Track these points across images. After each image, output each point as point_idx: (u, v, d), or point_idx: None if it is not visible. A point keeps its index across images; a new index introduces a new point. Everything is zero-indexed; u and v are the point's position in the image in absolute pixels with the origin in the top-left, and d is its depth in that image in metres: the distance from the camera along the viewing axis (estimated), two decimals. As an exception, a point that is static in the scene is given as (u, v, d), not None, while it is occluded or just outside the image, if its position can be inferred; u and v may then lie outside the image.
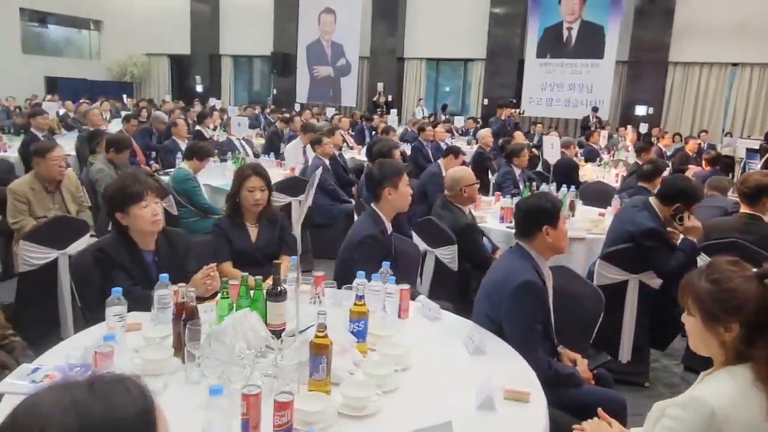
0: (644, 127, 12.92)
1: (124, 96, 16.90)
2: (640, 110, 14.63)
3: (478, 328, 2.31)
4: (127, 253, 2.46)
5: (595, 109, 13.96)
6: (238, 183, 3.04)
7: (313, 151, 6.22)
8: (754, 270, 1.44)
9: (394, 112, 14.34)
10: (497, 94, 15.35)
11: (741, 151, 12.53)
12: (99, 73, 20.41)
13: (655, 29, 14.28)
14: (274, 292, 2.10)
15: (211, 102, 15.70)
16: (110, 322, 2.05)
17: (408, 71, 17.55)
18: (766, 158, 11.04)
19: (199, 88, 19.78)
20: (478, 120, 13.92)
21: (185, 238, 2.75)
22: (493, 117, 12.80)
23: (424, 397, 1.83)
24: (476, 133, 10.64)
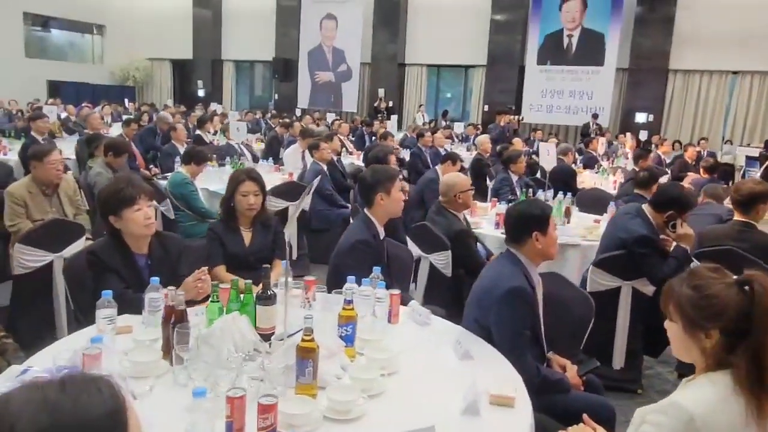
0: (644, 135, 12.93)
1: (126, 100, 16.97)
2: (641, 117, 14.64)
3: (467, 334, 2.32)
4: (120, 257, 2.48)
5: (596, 116, 13.98)
6: (232, 188, 3.07)
7: (311, 156, 6.24)
8: (735, 277, 1.45)
9: (394, 118, 14.38)
10: (498, 101, 15.38)
11: (741, 159, 12.55)
12: (101, 77, 20.49)
13: (656, 37, 14.31)
14: (264, 296, 2.12)
15: (212, 107, 15.76)
16: (100, 325, 2.07)
17: (409, 77, 17.60)
18: (765, 166, 11.07)
19: (201, 92, 19.85)
20: (478, 126, 13.94)
21: (178, 242, 2.76)
22: (492, 123, 12.82)
23: (410, 401, 1.84)
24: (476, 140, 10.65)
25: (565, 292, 2.77)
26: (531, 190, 5.50)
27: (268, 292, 2.12)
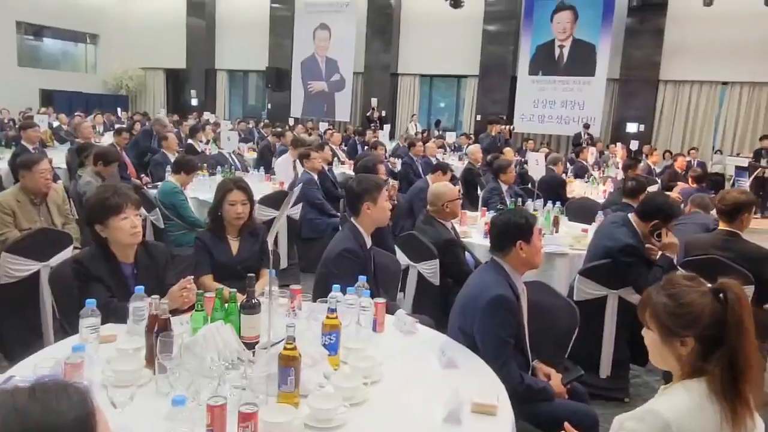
0: (635, 144, 13.03)
1: (119, 109, 16.97)
2: (631, 127, 14.76)
3: (452, 342, 2.34)
4: (106, 266, 2.48)
5: (587, 126, 14.08)
6: (220, 196, 3.08)
7: (302, 166, 6.26)
8: (709, 285, 1.47)
9: (387, 128, 14.43)
10: (490, 111, 15.47)
11: (731, 169, 12.66)
12: (94, 87, 20.49)
13: (646, 48, 14.47)
14: (248, 305, 2.12)
15: (205, 116, 15.78)
16: (84, 334, 2.07)
17: (402, 87, 17.70)
18: (754, 176, 11.18)
19: (194, 101, 19.87)
20: (471, 136, 14.00)
21: (165, 251, 2.76)
22: (483, 133, 12.89)
23: (392, 409, 1.85)
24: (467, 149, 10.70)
25: (550, 301, 2.78)
26: (520, 200, 5.53)
27: (253, 301, 2.12)
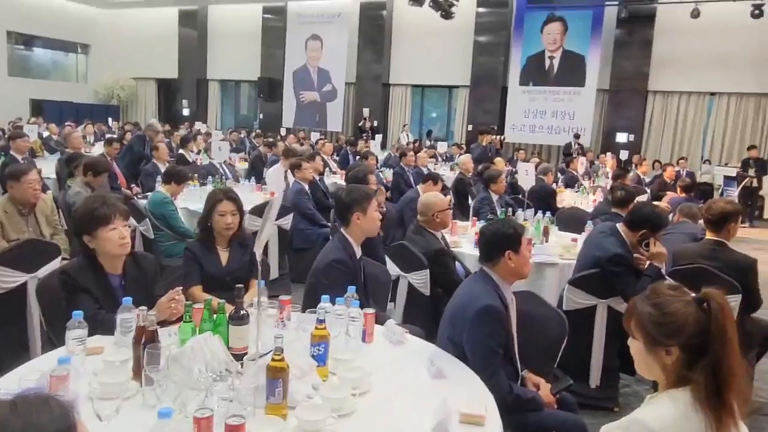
0: (625, 154, 13.14)
1: (110, 119, 16.92)
2: (621, 137, 14.89)
3: (441, 352, 2.34)
4: (93, 277, 2.46)
5: (577, 136, 14.18)
6: (210, 207, 3.07)
7: (293, 176, 6.26)
8: (693, 295, 1.48)
9: (379, 138, 14.47)
10: (481, 121, 15.56)
11: (719, 179, 12.78)
12: (85, 96, 20.44)
13: (635, 59, 14.63)
14: (237, 316, 2.12)
15: (196, 126, 15.76)
16: (70, 346, 2.05)
17: (393, 97, 17.77)
18: (742, 185, 11.30)
19: (186, 111, 19.86)
20: (462, 146, 14.07)
21: (154, 262, 2.75)
22: (474, 143, 12.96)
23: (381, 420, 1.84)
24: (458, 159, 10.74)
25: (539, 311, 2.79)
26: (511, 209, 5.56)
27: (241, 312, 2.12)
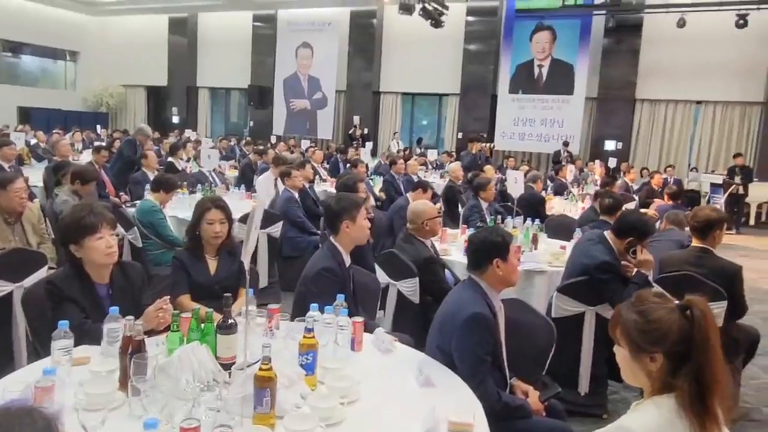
0: (613, 162, 13.25)
1: (98, 127, 16.83)
2: (610, 145, 15.03)
3: (429, 361, 2.34)
4: (80, 286, 2.44)
5: (566, 144, 14.29)
6: (198, 215, 3.06)
7: (283, 184, 6.26)
8: (677, 302, 1.50)
9: (369, 145, 14.50)
10: (471, 129, 15.65)
11: (706, 186, 12.92)
12: (74, 104, 20.34)
13: (622, 68, 14.80)
14: (225, 325, 2.11)
15: (186, 133, 15.71)
16: (56, 356, 2.03)
17: (384, 105, 17.83)
18: (728, 192, 11.42)
19: (176, 119, 19.82)
20: (452, 154, 14.13)
21: (141, 271, 2.73)
22: (464, 151, 13.02)
23: (369, 429, 1.85)
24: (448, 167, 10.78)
25: (528, 318, 2.80)
26: (500, 217, 5.58)
27: (229, 321, 2.11)
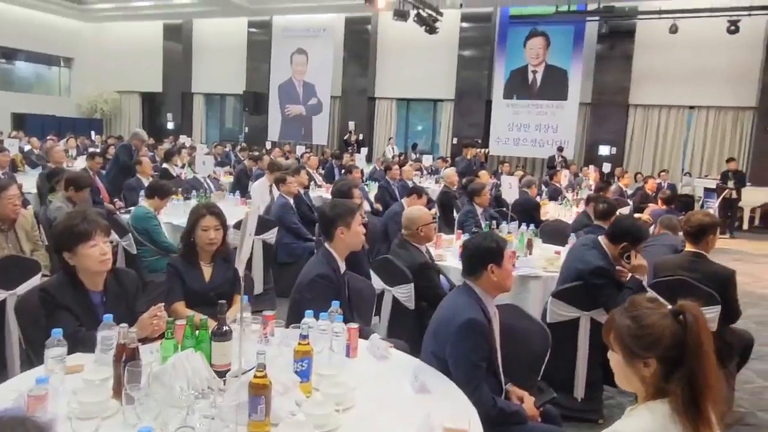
0: (607, 167, 13.31)
1: (93, 133, 16.79)
2: (604, 150, 15.11)
3: (425, 367, 2.34)
4: (73, 294, 2.43)
5: (561, 149, 14.35)
6: (193, 222, 3.06)
7: (278, 190, 6.25)
8: (670, 307, 1.51)
9: (364, 151, 14.52)
10: (466, 134, 15.71)
11: (700, 190, 12.99)
12: (68, 110, 20.29)
13: (616, 73, 14.89)
14: (219, 332, 2.10)
15: (181, 139, 15.70)
16: (49, 364, 2.02)
17: (379, 110, 17.87)
18: (722, 197, 11.49)
19: (171, 125, 19.80)
20: (447, 159, 14.17)
21: (135, 278, 2.73)
22: (459, 156, 13.06)
23: (364, 436, 1.84)
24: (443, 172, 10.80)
25: (522, 324, 2.81)
26: (495, 222, 5.59)
27: (224, 328, 2.10)
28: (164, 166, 8.54)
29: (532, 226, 5.32)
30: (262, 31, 18.55)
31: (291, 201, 6.10)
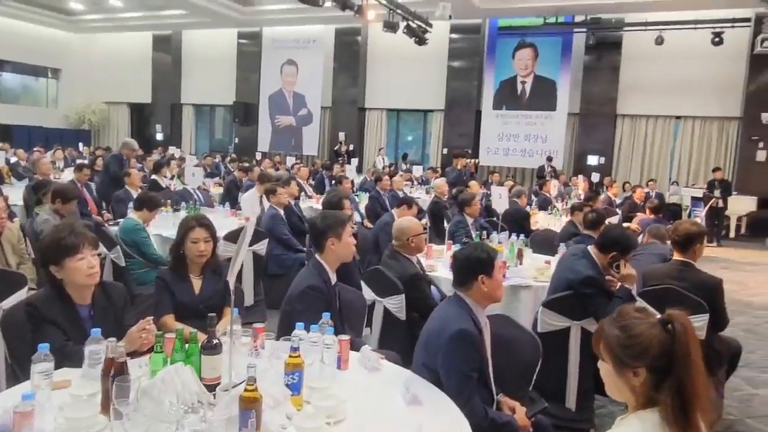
0: (596, 177, 13.42)
1: (81, 144, 16.69)
2: (592, 160, 15.24)
3: (416, 378, 2.33)
4: (60, 308, 2.40)
5: (550, 159, 14.46)
6: (182, 234, 3.04)
7: (268, 201, 6.24)
8: (658, 316, 1.52)
9: (354, 162, 14.54)
10: (456, 144, 15.78)
11: (687, 199, 13.13)
12: (55, 121, 20.18)
13: (603, 84, 15.06)
14: (209, 345, 2.09)
15: (170, 150, 15.64)
16: (36, 380, 1.99)
17: (369, 121, 17.92)
18: (709, 206, 11.61)
19: (160, 136, 19.73)
20: (438, 169, 14.22)
21: (123, 291, 2.70)
22: (449, 166, 13.11)
23: (356, 449, 1.83)
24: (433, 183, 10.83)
25: (513, 334, 2.81)
26: (485, 232, 5.61)
27: (213, 341, 2.09)
28: (153, 177, 8.50)
29: (522, 236, 5.34)
30: (251, 42, 18.59)
31: (281, 212, 6.09)
